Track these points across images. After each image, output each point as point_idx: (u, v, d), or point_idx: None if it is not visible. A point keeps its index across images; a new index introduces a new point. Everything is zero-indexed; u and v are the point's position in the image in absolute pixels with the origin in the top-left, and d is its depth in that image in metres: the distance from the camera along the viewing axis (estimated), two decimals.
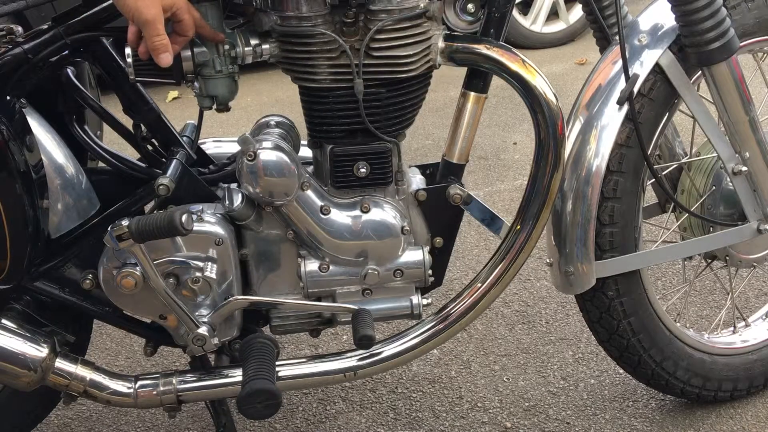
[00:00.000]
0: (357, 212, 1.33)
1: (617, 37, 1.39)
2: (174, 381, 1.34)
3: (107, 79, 1.36)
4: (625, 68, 1.38)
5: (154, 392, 1.34)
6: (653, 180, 1.52)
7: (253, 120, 1.50)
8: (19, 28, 1.33)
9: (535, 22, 4.59)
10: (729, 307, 1.77)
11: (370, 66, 1.26)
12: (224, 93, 1.31)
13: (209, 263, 1.29)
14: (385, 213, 1.34)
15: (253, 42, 1.28)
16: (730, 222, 1.57)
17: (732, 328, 1.74)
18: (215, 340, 1.33)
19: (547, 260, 1.49)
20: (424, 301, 1.40)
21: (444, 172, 1.39)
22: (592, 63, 1.41)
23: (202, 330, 1.30)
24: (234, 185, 1.33)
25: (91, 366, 1.33)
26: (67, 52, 1.31)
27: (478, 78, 1.35)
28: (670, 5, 1.39)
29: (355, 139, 1.32)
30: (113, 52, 1.34)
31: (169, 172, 1.30)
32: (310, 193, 1.32)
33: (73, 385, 1.31)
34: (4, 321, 1.29)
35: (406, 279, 1.36)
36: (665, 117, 1.46)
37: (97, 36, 1.32)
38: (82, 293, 1.35)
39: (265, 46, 1.28)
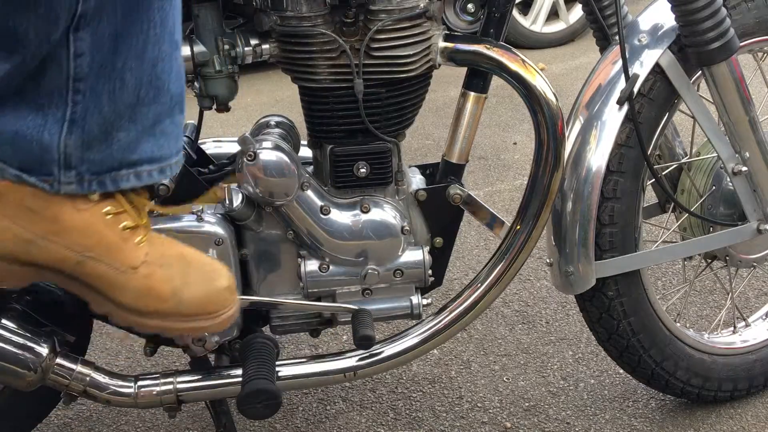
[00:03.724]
0: (357, 212, 1.33)
1: (617, 37, 1.39)
2: (174, 381, 1.34)
3: None
4: (625, 68, 1.38)
5: (154, 392, 1.33)
6: (653, 180, 1.52)
7: (253, 120, 1.50)
8: None
9: (535, 22, 4.60)
10: (729, 307, 1.77)
11: (370, 66, 1.26)
12: (224, 93, 1.31)
13: None
14: (385, 213, 1.34)
15: (253, 42, 1.28)
16: (730, 222, 1.57)
17: (732, 328, 1.74)
18: (215, 339, 1.33)
19: (547, 260, 1.49)
20: (424, 301, 1.40)
21: (444, 172, 1.39)
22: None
23: None
24: (234, 185, 1.33)
25: (91, 366, 1.33)
26: None
27: (478, 78, 1.35)
28: (670, 5, 1.39)
29: (355, 139, 1.32)
30: None
31: None
32: (310, 193, 1.32)
33: (73, 385, 1.31)
34: (4, 321, 1.28)
35: (406, 279, 1.36)
36: (665, 117, 1.46)
37: None
38: None
39: (265, 46, 1.28)
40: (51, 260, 1.04)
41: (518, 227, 1.39)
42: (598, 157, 1.40)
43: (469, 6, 1.32)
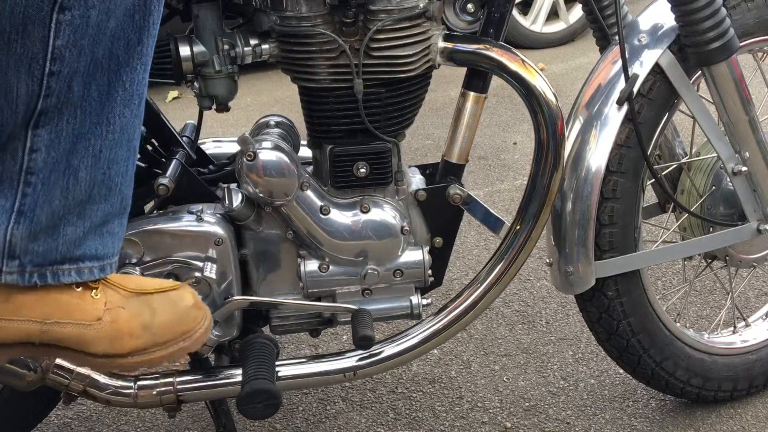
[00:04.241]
0: (357, 212, 1.33)
1: (617, 37, 1.39)
2: (174, 381, 1.34)
3: None
4: (625, 68, 1.38)
5: (154, 392, 1.33)
6: (653, 180, 1.52)
7: (253, 120, 1.50)
8: None
9: (535, 22, 4.59)
10: (729, 307, 1.77)
11: (370, 66, 1.26)
12: (224, 93, 1.31)
13: (209, 263, 1.29)
14: (384, 213, 1.34)
15: (253, 42, 1.28)
16: (730, 222, 1.57)
17: (732, 328, 1.74)
18: (214, 334, 1.32)
19: (547, 260, 1.49)
20: (424, 301, 1.40)
21: (444, 172, 1.39)
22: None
23: None
24: (234, 185, 1.33)
25: None
26: None
27: (477, 78, 1.35)
28: (670, 5, 1.39)
29: (355, 139, 1.32)
30: None
31: (169, 172, 1.30)
32: (309, 193, 1.32)
33: (73, 385, 1.31)
34: None
35: (406, 279, 1.36)
36: (665, 117, 1.46)
37: None
38: None
39: (265, 46, 1.28)
40: (16, 337, 1.06)
41: (518, 227, 1.39)
42: (597, 157, 1.40)
43: (469, 6, 1.32)
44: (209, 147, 1.52)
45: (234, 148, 1.46)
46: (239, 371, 1.32)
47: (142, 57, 1.03)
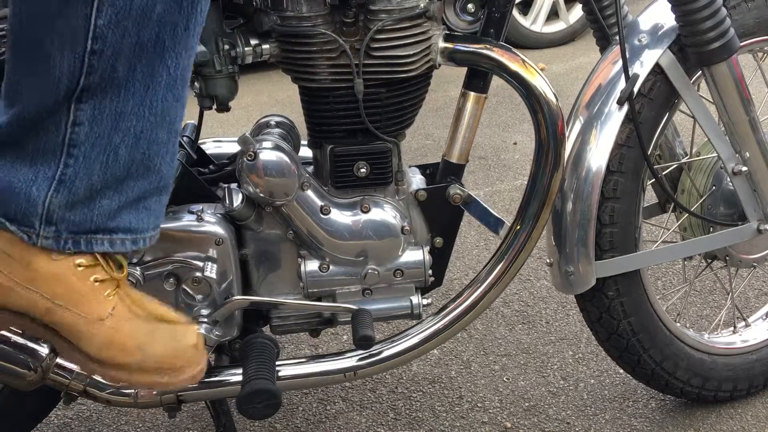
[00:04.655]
0: (357, 212, 1.33)
1: (617, 37, 1.39)
2: None
3: None
4: (625, 68, 1.38)
5: (154, 392, 1.33)
6: (653, 180, 1.52)
7: (253, 120, 1.50)
8: None
9: (535, 22, 4.60)
10: (729, 307, 1.77)
11: (370, 66, 1.26)
12: (224, 93, 1.31)
13: (209, 263, 1.29)
14: (385, 213, 1.34)
15: (253, 42, 1.28)
16: (730, 222, 1.57)
17: (732, 328, 1.74)
18: (214, 334, 1.32)
19: (547, 260, 1.49)
20: (424, 301, 1.40)
21: (444, 172, 1.39)
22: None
23: (202, 330, 1.30)
24: (234, 185, 1.33)
25: None
26: None
27: (478, 78, 1.35)
28: (670, 5, 1.39)
29: (355, 139, 1.32)
30: None
31: None
32: (310, 193, 1.32)
33: (73, 385, 1.31)
34: None
35: (406, 279, 1.36)
36: (665, 117, 1.46)
37: None
38: None
39: (265, 46, 1.28)
40: (22, 306, 1.08)
41: (518, 227, 1.39)
42: (598, 157, 1.40)
43: (469, 6, 1.32)
44: (209, 147, 1.52)
45: (234, 148, 1.45)
46: (239, 371, 1.32)
47: (188, 43, 1.04)
